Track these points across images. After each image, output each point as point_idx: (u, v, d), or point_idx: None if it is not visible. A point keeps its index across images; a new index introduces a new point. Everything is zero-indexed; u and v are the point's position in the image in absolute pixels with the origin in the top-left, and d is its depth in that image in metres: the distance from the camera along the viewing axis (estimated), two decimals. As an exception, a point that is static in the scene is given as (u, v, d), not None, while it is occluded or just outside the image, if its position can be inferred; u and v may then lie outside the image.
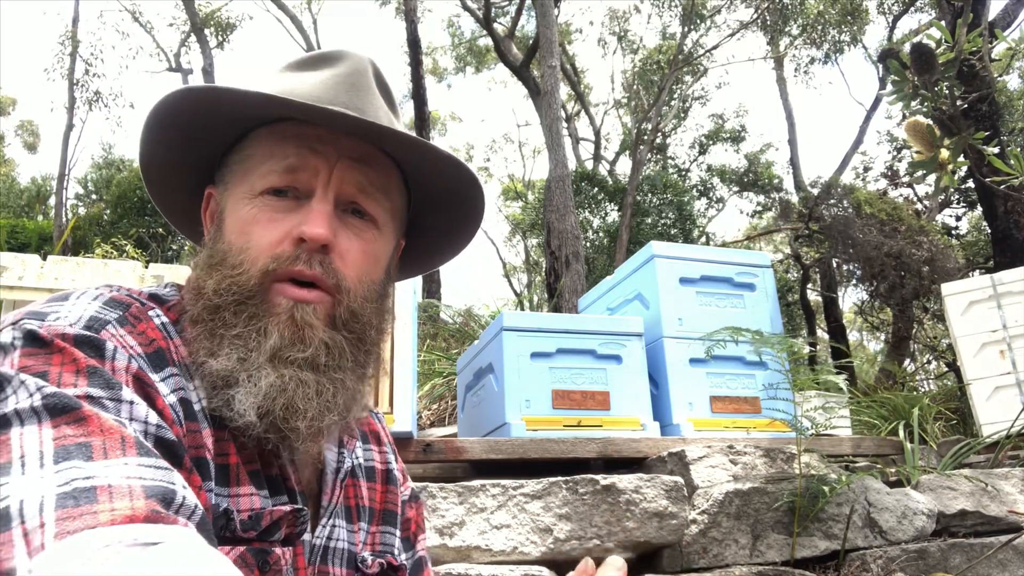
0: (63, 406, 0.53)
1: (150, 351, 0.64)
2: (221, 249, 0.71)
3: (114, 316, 0.63)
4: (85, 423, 0.53)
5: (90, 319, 0.61)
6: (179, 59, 16.31)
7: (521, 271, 20.82)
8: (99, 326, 0.61)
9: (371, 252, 0.74)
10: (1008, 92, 10.49)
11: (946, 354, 8.15)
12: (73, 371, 0.57)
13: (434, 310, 7.10)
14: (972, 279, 3.45)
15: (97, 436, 0.52)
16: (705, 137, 16.80)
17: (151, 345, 0.64)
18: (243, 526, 0.65)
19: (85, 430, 0.52)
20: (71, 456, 0.50)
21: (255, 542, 0.66)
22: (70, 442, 0.51)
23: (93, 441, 0.52)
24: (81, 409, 0.54)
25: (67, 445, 0.51)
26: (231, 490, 0.66)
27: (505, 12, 14.87)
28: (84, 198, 17.72)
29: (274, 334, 0.67)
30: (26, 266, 2.25)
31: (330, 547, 0.75)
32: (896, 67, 2.72)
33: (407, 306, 2.33)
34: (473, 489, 1.82)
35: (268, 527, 0.67)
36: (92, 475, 0.49)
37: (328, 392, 0.68)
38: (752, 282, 2.81)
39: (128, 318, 0.64)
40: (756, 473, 2.14)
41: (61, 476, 0.49)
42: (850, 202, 8.29)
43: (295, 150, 0.72)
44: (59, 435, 0.52)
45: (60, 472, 0.49)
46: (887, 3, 13.82)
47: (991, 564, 2.00)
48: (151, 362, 0.63)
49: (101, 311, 0.63)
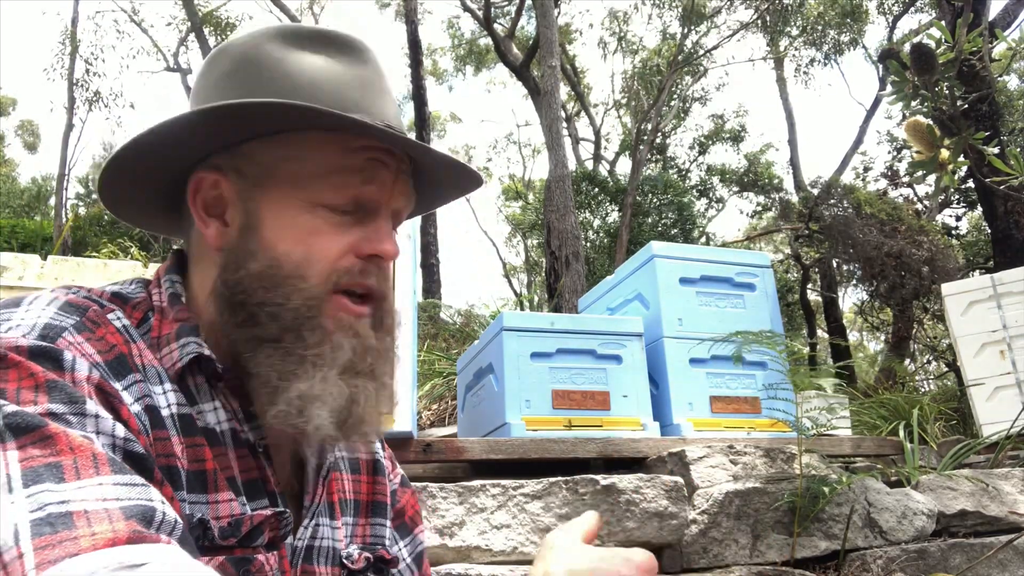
0: (26, 425, 0.51)
1: (110, 358, 0.61)
2: (276, 260, 0.67)
3: (70, 322, 0.61)
4: (52, 442, 0.50)
5: (44, 327, 0.59)
6: (178, 59, 16.32)
7: (521, 271, 20.83)
8: (55, 334, 0.58)
9: None
10: (1008, 92, 10.49)
11: (946, 354, 8.15)
12: (32, 386, 0.54)
13: (434, 310, 7.10)
14: (972, 279, 3.45)
15: (67, 455, 0.50)
16: (705, 137, 16.80)
17: (111, 352, 0.62)
18: (222, 533, 0.64)
19: (53, 449, 0.50)
20: (41, 479, 0.48)
21: (235, 550, 0.64)
22: (38, 463, 0.49)
23: (63, 461, 0.50)
24: (46, 427, 0.51)
25: (35, 467, 0.49)
26: (209, 496, 0.64)
27: (505, 13, 14.86)
28: (84, 198, 17.73)
29: (346, 349, 0.68)
30: (26, 266, 2.25)
31: (314, 546, 0.75)
32: (896, 67, 2.73)
33: (407, 306, 2.33)
34: (473, 489, 1.82)
35: (249, 533, 0.65)
36: (66, 499, 0.48)
37: (383, 396, 0.71)
38: (752, 282, 2.81)
39: (86, 323, 0.62)
40: (756, 473, 2.14)
41: (33, 501, 0.47)
42: (850, 202, 8.29)
43: (368, 164, 0.70)
44: (24, 456, 0.49)
45: (31, 497, 0.47)
46: (887, 3, 13.82)
47: (991, 564, 2.00)
48: (112, 370, 0.61)
49: (56, 317, 0.60)
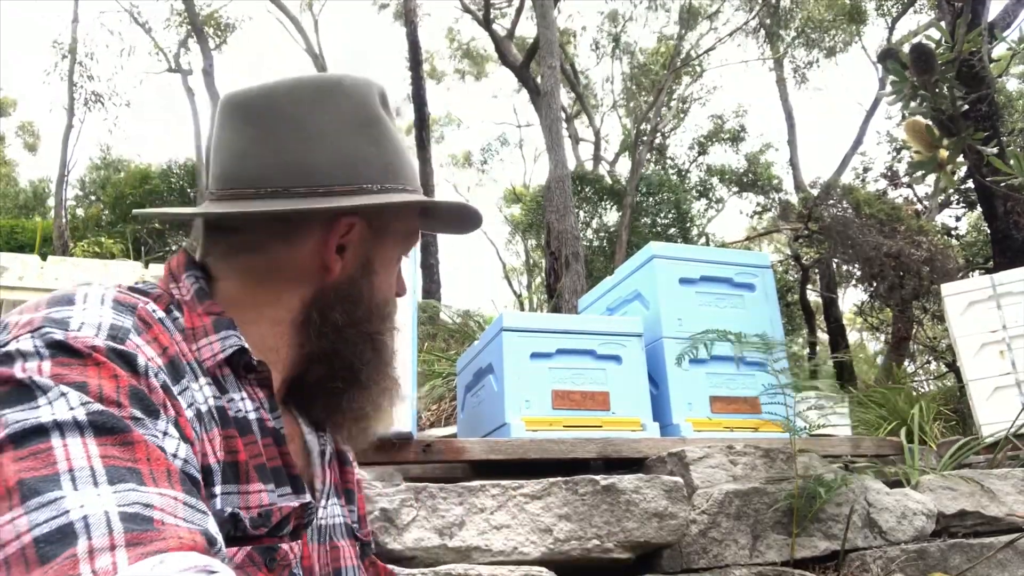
0: (110, 426, 0.52)
1: (166, 361, 0.63)
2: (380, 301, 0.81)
3: (130, 323, 0.62)
4: (132, 448, 0.51)
5: (111, 328, 0.60)
6: (178, 60, 16.31)
7: (521, 272, 20.82)
8: (123, 335, 0.60)
9: None
10: (1007, 92, 10.50)
11: (946, 354, 8.15)
12: (114, 387, 0.54)
13: (434, 310, 7.10)
14: (972, 279, 3.45)
15: (144, 464, 0.51)
16: (704, 138, 16.79)
17: (165, 354, 0.63)
18: (252, 523, 0.66)
19: (132, 455, 0.51)
20: (125, 478, 0.49)
21: (264, 539, 0.66)
22: (119, 463, 0.50)
23: (142, 468, 0.51)
24: (130, 433, 0.52)
25: (117, 466, 0.50)
26: (241, 487, 0.66)
27: (504, 14, 14.87)
28: (83, 200, 17.72)
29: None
30: (26, 266, 2.25)
31: (334, 524, 0.80)
32: (896, 68, 2.73)
33: (407, 306, 2.33)
34: (473, 489, 1.82)
35: (278, 523, 0.67)
36: (150, 502, 0.48)
37: None
38: (752, 282, 2.81)
39: (140, 325, 0.63)
40: (756, 474, 2.14)
41: (120, 496, 0.48)
42: (849, 202, 8.29)
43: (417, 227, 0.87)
44: (106, 454, 0.50)
45: (118, 493, 0.48)
46: (886, 4, 13.82)
47: (991, 564, 2.00)
48: (170, 374, 0.62)
49: (116, 317, 0.61)
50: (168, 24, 16.02)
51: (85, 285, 0.66)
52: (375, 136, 0.78)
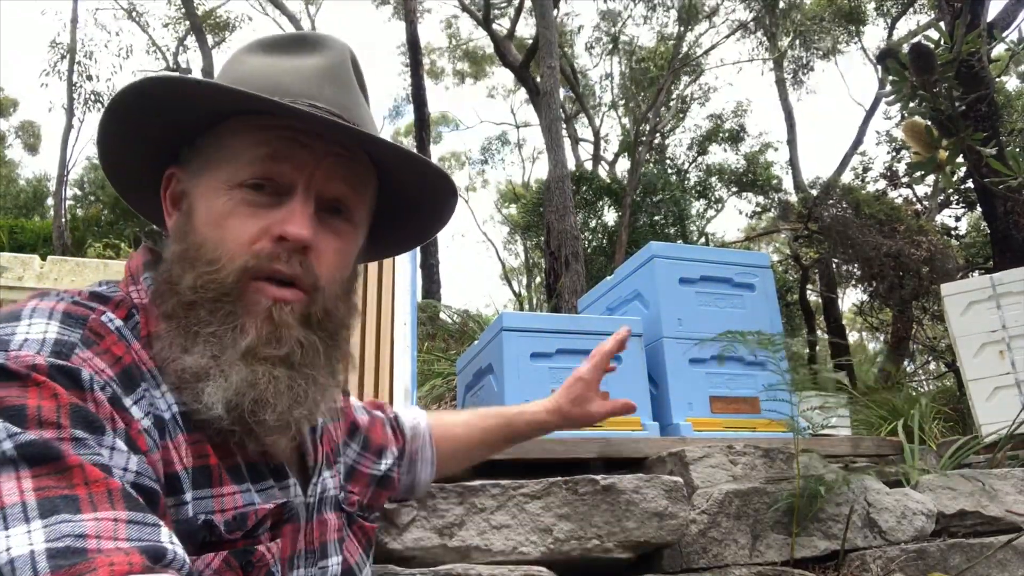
0: (42, 455, 0.51)
1: (118, 371, 0.61)
2: (195, 242, 0.69)
3: (77, 336, 0.60)
4: (69, 475, 0.51)
5: (55, 343, 0.58)
6: (177, 59, 16.31)
7: (520, 272, 20.82)
8: (68, 351, 0.58)
9: (346, 251, 0.75)
10: (1007, 92, 10.50)
11: (946, 354, 8.15)
12: (54, 407, 0.53)
13: (433, 310, 7.10)
14: (971, 279, 3.45)
15: (82, 489, 0.50)
16: (703, 137, 16.79)
17: (118, 364, 0.62)
18: (227, 527, 0.64)
19: (69, 482, 0.50)
20: (57, 509, 0.48)
21: (239, 543, 0.65)
22: (54, 494, 0.49)
23: (79, 494, 0.50)
24: (64, 459, 0.51)
25: (51, 497, 0.49)
26: (215, 491, 0.65)
27: (504, 14, 14.87)
28: (82, 200, 17.71)
29: (251, 332, 0.66)
30: (26, 266, 2.25)
31: (324, 499, 0.79)
32: (895, 68, 2.73)
33: (407, 306, 2.33)
34: (473, 489, 1.82)
35: (254, 525, 0.67)
36: (83, 531, 0.48)
37: (300, 387, 0.68)
38: (752, 282, 2.81)
39: (90, 336, 0.61)
40: (756, 473, 2.14)
41: (50, 531, 0.47)
42: (849, 202, 8.29)
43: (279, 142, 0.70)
44: (39, 486, 0.49)
45: (48, 527, 0.47)
46: (886, 4, 13.83)
47: (991, 564, 2.00)
48: (122, 384, 0.61)
49: (63, 332, 0.60)
50: (168, 22, 16.02)
51: (37, 298, 0.64)
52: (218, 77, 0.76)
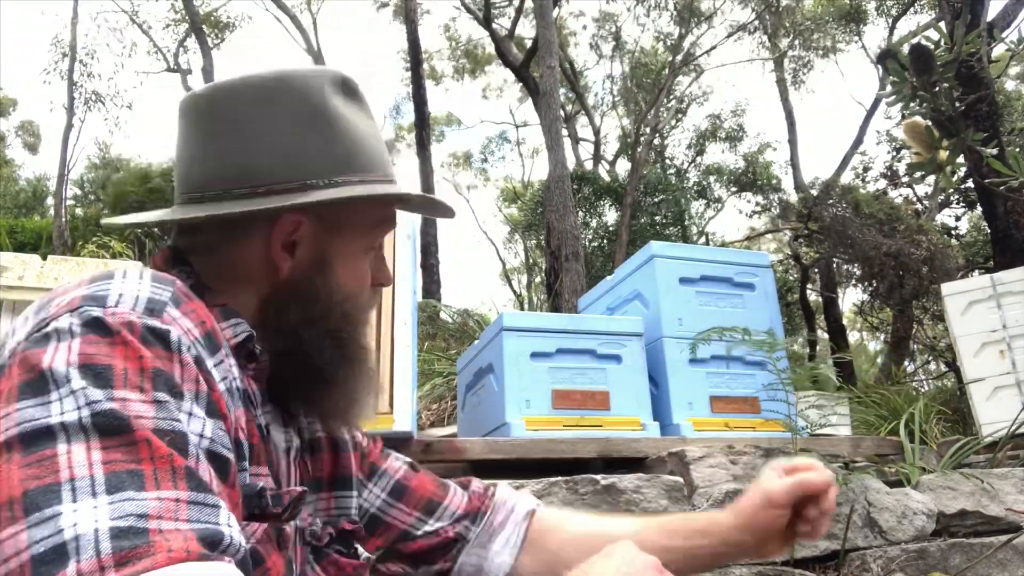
0: (115, 427, 0.52)
1: (203, 333, 0.64)
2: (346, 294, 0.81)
3: (168, 295, 0.63)
4: (136, 449, 0.52)
5: (149, 300, 0.61)
6: (177, 59, 16.31)
7: (521, 272, 20.83)
8: (160, 308, 0.61)
9: None
10: (1007, 92, 10.49)
11: (946, 354, 8.15)
12: (137, 369, 0.56)
13: (433, 310, 7.10)
14: (972, 279, 3.44)
15: (148, 464, 0.52)
16: (703, 137, 16.78)
17: (202, 327, 0.64)
18: (273, 502, 0.68)
19: (136, 456, 0.52)
20: (124, 486, 0.50)
21: (279, 519, 0.69)
22: (120, 468, 0.51)
23: (144, 469, 0.51)
24: (133, 433, 0.53)
25: (118, 471, 0.50)
26: (252, 469, 0.68)
27: (504, 13, 14.86)
28: (82, 199, 17.71)
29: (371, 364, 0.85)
30: (26, 266, 2.25)
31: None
32: (895, 68, 2.73)
33: (407, 306, 2.33)
34: (473, 489, 1.82)
35: (288, 505, 0.70)
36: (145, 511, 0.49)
37: None
38: (752, 282, 2.81)
39: (180, 295, 0.64)
40: (756, 473, 2.14)
41: (115, 508, 0.49)
42: (849, 202, 8.29)
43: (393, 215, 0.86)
44: (108, 459, 0.51)
45: (114, 504, 0.49)
46: (886, 4, 13.83)
47: (991, 564, 2.00)
48: (206, 347, 0.63)
49: (155, 290, 0.62)
50: (168, 22, 16.02)
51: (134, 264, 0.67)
52: (322, 128, 0.77)
